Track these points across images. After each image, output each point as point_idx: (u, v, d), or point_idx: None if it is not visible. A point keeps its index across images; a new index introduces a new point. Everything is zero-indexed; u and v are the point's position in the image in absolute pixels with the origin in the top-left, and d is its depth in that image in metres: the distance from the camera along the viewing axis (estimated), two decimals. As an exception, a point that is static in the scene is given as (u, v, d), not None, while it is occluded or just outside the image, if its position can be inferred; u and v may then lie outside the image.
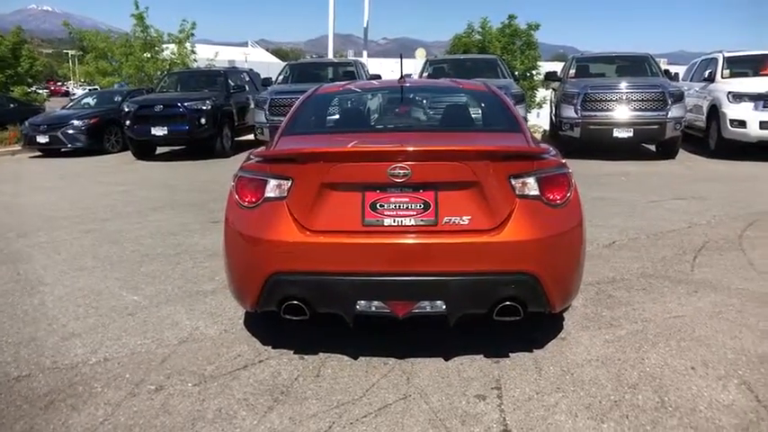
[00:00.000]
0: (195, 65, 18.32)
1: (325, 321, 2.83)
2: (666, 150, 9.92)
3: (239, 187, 2.70)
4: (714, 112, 9.86)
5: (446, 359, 2.79)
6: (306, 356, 2.84)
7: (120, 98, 13.04)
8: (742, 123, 9.17)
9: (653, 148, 10.42)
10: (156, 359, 2.83)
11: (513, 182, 2.49)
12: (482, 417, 2.33)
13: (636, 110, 9.48)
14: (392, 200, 2.48)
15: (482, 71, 11.14)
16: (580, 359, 2.79)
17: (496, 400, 2.44)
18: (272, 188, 2.58)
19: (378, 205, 2.48)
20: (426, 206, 2.47)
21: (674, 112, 9.39)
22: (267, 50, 78.73)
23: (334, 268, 2.48)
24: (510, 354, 2.84)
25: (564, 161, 2.74)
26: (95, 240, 5.09)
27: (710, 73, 10.66)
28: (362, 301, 2.52)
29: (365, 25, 18.82)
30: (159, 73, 16.95)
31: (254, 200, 2.64)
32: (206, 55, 19.77)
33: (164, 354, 2.89)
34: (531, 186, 2.53)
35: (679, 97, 9.52)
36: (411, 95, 3.64)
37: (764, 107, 9.03)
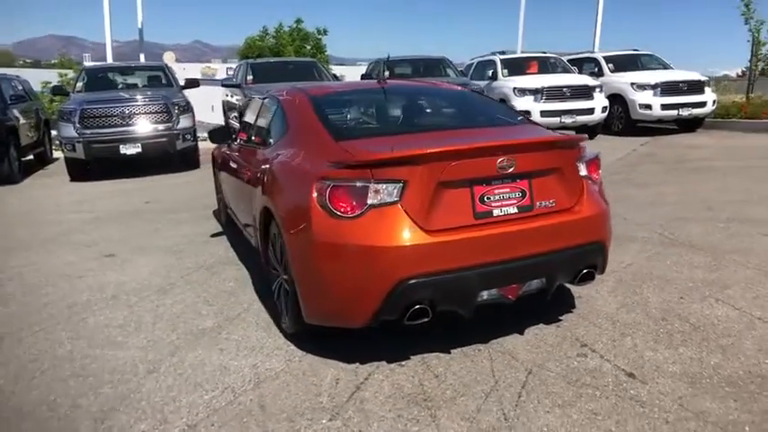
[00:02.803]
0: None
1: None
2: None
3: (333, 197, 2.49)
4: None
5: (521, 334, 3.05)
6: (404, 363, 2.78)
7: None
8: (527, 113, 11.20)
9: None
10: (252, 407, 2.44)
11: (578, 165, 2.87)
12: (600, 369, 2.67)
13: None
14: (496, 191, 2.62)
15: (302, 74, 11.31)
16: (609, 309, 3.34)
17: (595, 354, 2.81)
18: (379, 193, 2.47)
19: (485, 198, 2.60)
20: (523, 194, 2.68)
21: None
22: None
23: (457, 264, 2.52)
24: (560, 318, 3.23)
25: None
26: (-34, 303, 3.83)
27: (493, 72, 12.71)
28: (481, 292, 2.62)
29: (140, 26, 17.00)
30: None
31: (352, 208, 2.49)
32: None
33: (253, 400, 2.50)
34: (583, 168, 2.94)
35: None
36: (424, 96, 3.71)
37: (542, 99, 11.22)
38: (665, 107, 11.52)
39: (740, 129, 11.67)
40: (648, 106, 11.57)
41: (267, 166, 3.26)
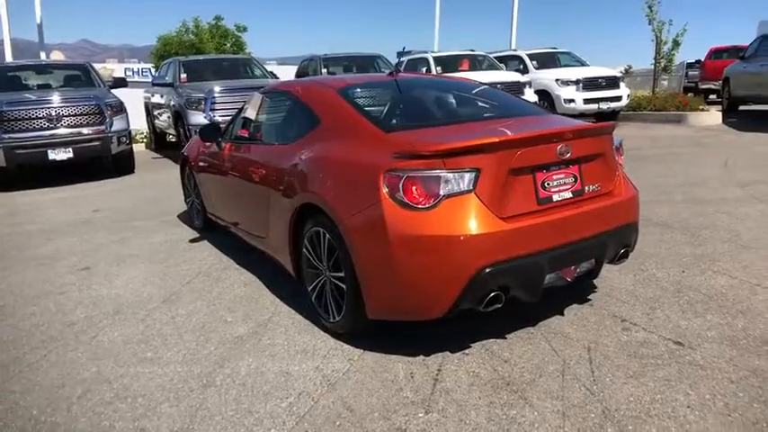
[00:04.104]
0: None
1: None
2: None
3: (407, 188, 2.45)
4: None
5: (562, 315, 3.17)
6: (467, 351, 2.80)
7: None
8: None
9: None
10: (339, 409, 2.34)
11: (614, 151, 3.03)
12: (651, 339, 2.85)
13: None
14: (554, 177, 2.71)
15: (237, 71, 10.99)
16: (627, 286, 3.55)
17: (638, 328, 2.99)
18: (450, 182, 2.46)
19: (546, 184, 2.68)
20: (575, 179, 2.79)
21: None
22: None
23: (529, 250, 2.57)
24: (589, 298, 3.39)
25: None
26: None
27: (426, 69, 12.96)
28: (547, 275, 2.69)
29: (39, 21, 15.54)
30: None
31: (425, 199, 2.46)
32: None
33: (336, 402, 2.40)
34: (615, 154, 3.11)
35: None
36: (445, 88, 3.69)
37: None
38: (587, 101, 12.38)
39: (652, 120, 12.80)
40: (572, 101, 12.38)
41: (297, 162, 3.13)
